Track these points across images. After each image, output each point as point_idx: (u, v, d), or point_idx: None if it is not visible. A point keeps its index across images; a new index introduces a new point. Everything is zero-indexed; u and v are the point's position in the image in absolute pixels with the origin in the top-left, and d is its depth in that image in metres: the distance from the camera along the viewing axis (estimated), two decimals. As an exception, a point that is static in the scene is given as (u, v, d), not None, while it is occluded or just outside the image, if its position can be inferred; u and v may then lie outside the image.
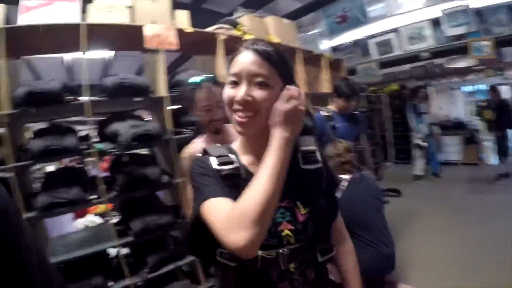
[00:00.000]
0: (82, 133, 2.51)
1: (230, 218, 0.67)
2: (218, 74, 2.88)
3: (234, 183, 0.79)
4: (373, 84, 7.38)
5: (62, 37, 2.35)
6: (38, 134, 2.27)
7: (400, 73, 7.42)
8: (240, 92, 0.76)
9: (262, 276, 0.78)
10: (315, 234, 0.82)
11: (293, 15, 5.75)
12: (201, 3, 5.27)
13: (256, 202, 0.65)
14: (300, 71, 3.80)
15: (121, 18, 2.42)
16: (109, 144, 2.32)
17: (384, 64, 6.90)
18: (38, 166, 3.44)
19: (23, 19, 2.26)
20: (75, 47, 2.29)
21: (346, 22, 6.03)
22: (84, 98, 2.30)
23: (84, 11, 2.40)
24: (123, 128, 2.29)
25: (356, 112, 2.83)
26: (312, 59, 4.24)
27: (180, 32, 2.62)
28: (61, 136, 2.22)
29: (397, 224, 3.71)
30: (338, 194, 1.99)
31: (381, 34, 6.32)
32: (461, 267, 2.74)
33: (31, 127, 3.20)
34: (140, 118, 2.64)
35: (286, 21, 3.96)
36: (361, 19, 5.90)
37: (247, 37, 3.12)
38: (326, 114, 2.64)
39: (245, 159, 0.86)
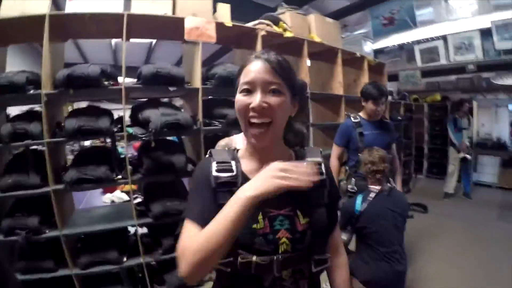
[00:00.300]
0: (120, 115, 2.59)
1: (183, 248, 0.71)
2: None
3: (230, 190, 0.78)
4: (415, 92, 7.01)
5: (106, 24, 2.46)
6: (74, 114, 2.41)
7: (444, 83, 6.92)
8: (256, 99, 0.77)
9: (255, 282, 0.80)
10: (312, 245, 0.82)
11: (339, 14, 5.56)
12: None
13: (200, 249, 0.67)
14: (339, 72, 3.70)
15: (164, 9, 2.48)
16: (140, 129, 2.40)
17: (427, 73, 6.50)
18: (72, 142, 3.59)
19: (71, 7, 2.41)
20: (117, 35, 2.37)
21: (392, 25, 5.73)
22: (121, 80, 2.40)
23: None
24: (155, 115, 2.36)
25: (387, 120, 2.68)
26: (353, 61, 4.10)
27: (220, 25, 2.63)
28: (95, 118, 2.34)
29: (417, 241, 3.58)
30: (364, 205, 1.97)
31: (428, 40, 5.93)
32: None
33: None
34: (174, 107, 2.70)
35: (329, 20, 3.83)
36: (409, 23, 5.58)
37: (287, 34, 3.06)
38: (355, 120, 2.53)
39: (248, 166, 0.86)
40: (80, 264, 2.36)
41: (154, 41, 6.39)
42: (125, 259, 2.47)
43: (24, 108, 2.66)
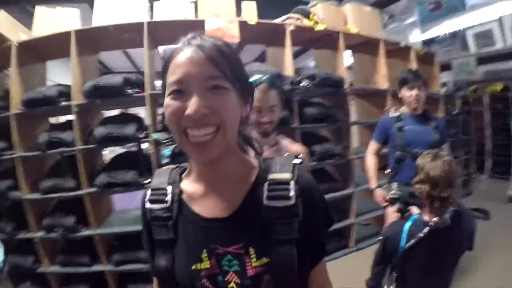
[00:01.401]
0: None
1: None
2: (286, 67, 2.72)
3: (164, 225, 0.64)
4: (474, 83, 6.25)
5: (131, 34, 2.51)
6: (103, 121, 2.57)
7: (505, 71, 6.04)
8: (192, 104, 0.55)
9: None
10: None
11: (384, 3, 5.17)
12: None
13: None
14: (382, 65, 3.36)
15: (186, 13, 2.48)
16: (164, 135, 2.40)
17: (483, 60, 5.69)
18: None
19: (97, 20, 2.51)
20: (142, 44, 2.40)
21: (440, 9, 5.16)
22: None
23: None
24: None
25: (434, 115, 2.34)
26: (399, 52, 3.72)
27: (244, 23, 2.54)
28: (123, 125, 2.46)
29: (476, 252, 3.01)
30: (412, 241, 1.41)
31: (481, 24, 5.24)
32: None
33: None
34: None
35: (367, 8, 3.53)
36: (458, 7, 4.98)
37: (318, 27, 2.84)
38: (394, 114, 2.25)
39: (192, 188, 0.67)
40: (113, 261, 2.52)
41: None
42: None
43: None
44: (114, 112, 2.99)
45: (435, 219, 1.41)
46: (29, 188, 2.58)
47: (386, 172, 2.29)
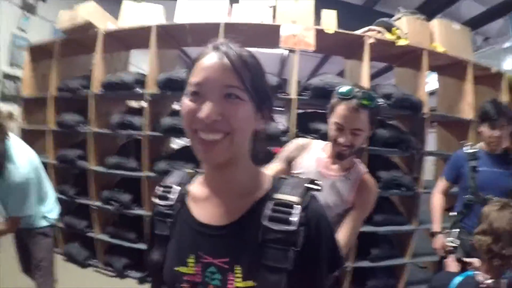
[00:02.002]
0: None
1: None
2: (362, 82, 2.56)
3: (163, 221, 0.66)
4: None
5: (207, 34, 2.54)
6: (172, 113, 2.75)
7: None
8: (205, 108, 0.55)
9: None
10: None
11: (478, 23, 4.65)
12: (373, 4, 4.83)
13: None
14: (468, 91, 2.98)
15: (263, 17, 2.48)
16: None
17: None
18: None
19: (179, 17, 2.63)
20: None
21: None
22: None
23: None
24: None
25: None
26: (489, 79, 3.28)
27: (320, 32, 2.45)
28: None
29: None
30: None
31: None
32: None
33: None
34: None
35: (457, 26, 3.16)
36: None
37: (401, 42, 2.62)
38: (469, 151, 1.92)
39: (198, 192, 0.67)
40: None
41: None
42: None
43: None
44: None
45: (489, 281, 1.19)
46: (95, 161, 2.88)
47: (450, 214, 2.01)
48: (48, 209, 1.82)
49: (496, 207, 1.29)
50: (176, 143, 4.05)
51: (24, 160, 1.59)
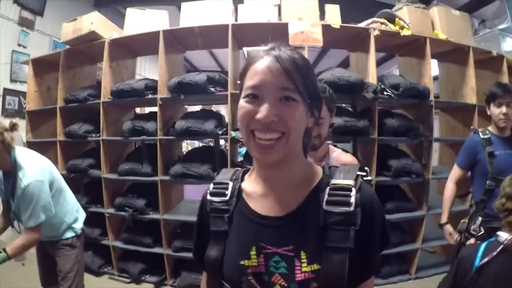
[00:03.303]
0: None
1: None
2: (369, 74, 2.60)
3: (221, 217, 0.67)
4: None
5: (215, 35, 2.64)
6: (185, 116, 2.73)
7: None
8: (263, 110, 0.58)
9: None
10: None
11: (473, 6, 4.68)
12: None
13: None
14: (471, 76, 3.03)
15: (269, 16, 2.49)
16: None
17: None
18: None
19: (184, 21, 2.64)
20: (226, 45, 2.50)
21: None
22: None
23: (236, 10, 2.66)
24: None
25: None
26: (490, 62, 3.33)
27: (327, 27, 2.47)
28: (203, 120, 2.58)
29: None
30: (485, 260, 1.31)
31: None
32: None
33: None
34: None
35: (456, 13, 3.20)
36: None
37: (405, 32, 2.66)
38: (484, 136, 1.93)
39: (252, 188, 0.69)
40: (173, 247, 2.67)
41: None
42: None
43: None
44: (196, 108, 3.16)
45: (510, 236, 1.31)
46: (108, 169, 2.88)
47: (470, 205, 2.02)
48: (72, 219, 1.79)
49: (508, 180, 1.44)
50: (185, 146, 4.07)
51: (33, 166, 1.57)
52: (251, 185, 0.69)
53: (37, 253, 1.85)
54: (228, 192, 0.69)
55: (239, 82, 0.67)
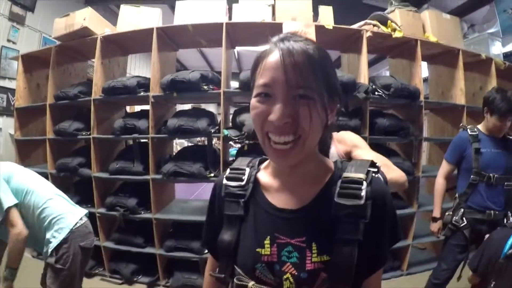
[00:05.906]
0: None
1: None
2: (361, 75, 2.64)
3: (236, 201, 0.67)
4: None
5: (209, 34, 2.63)
6: (177, 114, 2.70)
7: None
8: (276, 111, 0.55)
9: None
10: None
11: (462, 11, 4.77)
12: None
13: None
14: (460, 78, 3.09)
15: (263, 16, 2.50)
16: (235, 132, 2.50)
17: None
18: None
19: (178, 19, 2.64)
20: (219, 43, 2.48)
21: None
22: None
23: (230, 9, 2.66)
24: (249, 119, 2.39)
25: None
26: (479, 65, 3.40)
27: (320, 28, 2.49)
28: (195, 119, 2.56)
29: None
30: None
31: None
32: None
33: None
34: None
35: (447, 16, 3.27)
36: None
37: (396, 34, 2.70)
38: (472, 133, 2.03)
39: (268, 179, 0.69)
40: (166, 247, 2.65)
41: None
42: (206, 251, 2.54)
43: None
44: (186, 107, 3.15)
45: None
46: (98, 167, 2.83)
47: (454, 197, 2.12)
48: (56, 231, 1.64)
49: None
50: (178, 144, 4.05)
51: None
52: (267, 178, 0.69)
53: None
54: (245, 177, 0.69)
55: (239, 80, 0.66)
